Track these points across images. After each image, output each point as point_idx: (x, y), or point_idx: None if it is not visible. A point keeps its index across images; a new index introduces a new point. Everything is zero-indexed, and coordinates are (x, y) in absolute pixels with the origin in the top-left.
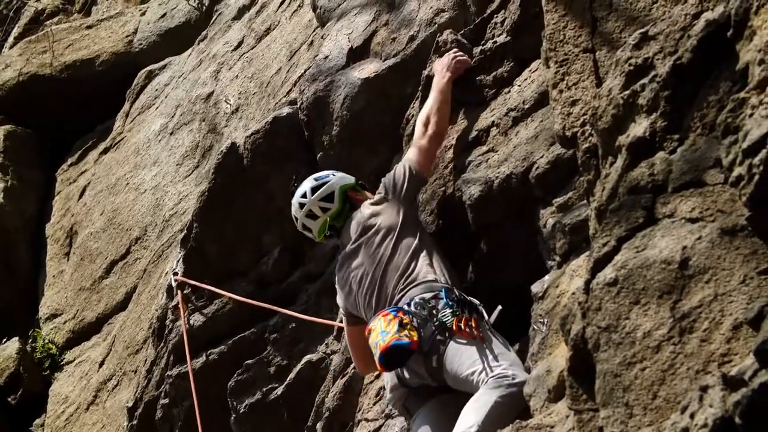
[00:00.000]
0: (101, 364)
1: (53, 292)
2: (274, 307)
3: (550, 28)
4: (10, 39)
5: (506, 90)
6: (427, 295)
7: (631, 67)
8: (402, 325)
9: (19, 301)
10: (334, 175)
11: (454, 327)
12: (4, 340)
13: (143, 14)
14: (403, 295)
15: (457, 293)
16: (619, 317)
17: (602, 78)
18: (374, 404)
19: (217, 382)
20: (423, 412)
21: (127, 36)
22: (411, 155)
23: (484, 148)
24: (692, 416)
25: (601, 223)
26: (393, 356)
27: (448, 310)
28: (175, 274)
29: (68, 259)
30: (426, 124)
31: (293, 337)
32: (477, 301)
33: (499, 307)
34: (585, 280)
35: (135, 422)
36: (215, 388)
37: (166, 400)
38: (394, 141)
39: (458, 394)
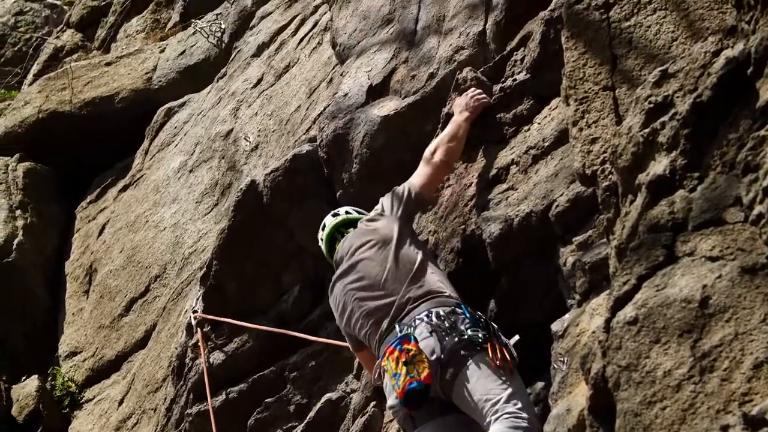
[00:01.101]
0: (121, 402)
1: (73, 329)
2: (299, 334)
3: (570, 66)
4: (30, 76)
5: (526, 128)
6: (444, 310)
7: (651, 105)
8: (409, 363)
9: (39, 338)
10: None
11: (489, 351)
12: (24, 377)
13: (162, 51)
14: (415, 307)
15: (475, 311)
16: (640, 356)
17: (622, 116)
18: None
19: (236, 421)
20: (429, 429)
21: (146, 73)
22: (413, 178)
23: (504, 186)
24: None
25: (621, 262)
26: (412, 399)
27: (480, 332)
28: (195, 312)
29: (87, 297)
30: (433, 152)
31: (313, 376)
32: (496, 326)
33: (517, 336)
34: (605, 319)
35: None
36: (235, 427)
37: None
38: None
39: (463, 416)
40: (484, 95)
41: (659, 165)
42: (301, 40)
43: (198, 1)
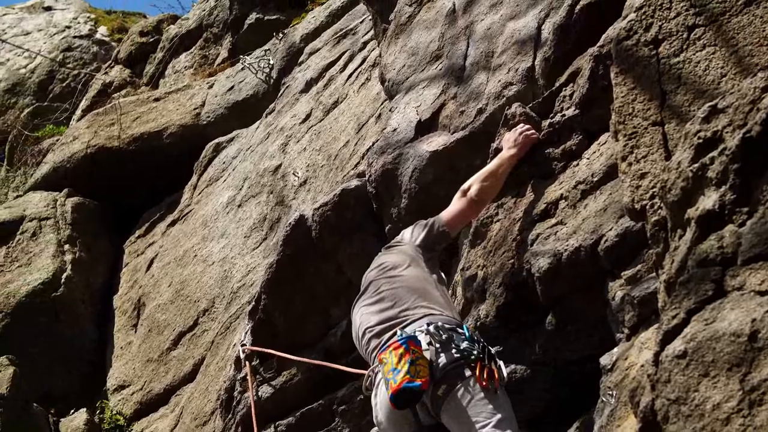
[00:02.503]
0: None
1: (121, 363)
2: (347, 369)
3: (619, 101)
4: (78, 111)
5: (575, 163)
6: (446, 326)
7: (700, 140)
8: (413, 363)
9: (87, 372)
10: None
11: (477, 376)
12: (72, 411)
13: (211, 87)
14: (417, 319)
15: (476, 333)
16: (689, 389)
17: (671, 151)
18: None
19: None
20: None
21: (194, 108)
22: (442, 213)
23: (553, 221)
24: None
25: (670, 296)
26: (403, 398)
27: (474, 351)
28: (243, 345)
29: (136, 331)
30: (467, 189)
31: (361, 410)
32: (493, 350)
33: (511, 366)
34: (654, 353)
35: None
36: None
37: None
38: None
39: None
40: (533, 131)
41: (708, 200)
42: (350, 75)
43: (246, 37)
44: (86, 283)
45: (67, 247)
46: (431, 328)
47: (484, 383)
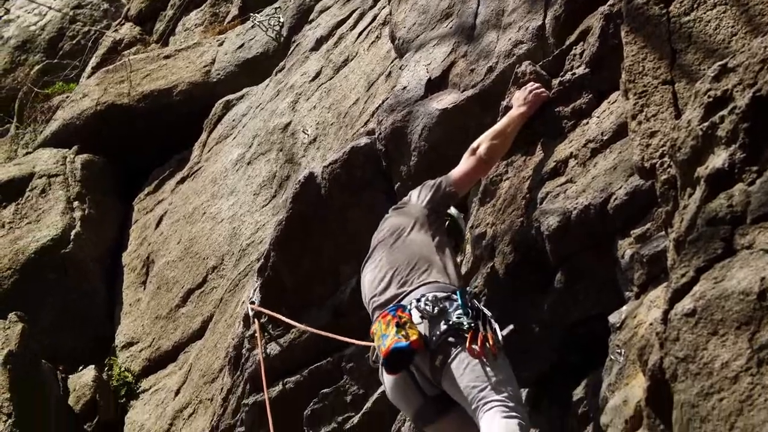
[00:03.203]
0: (177, 393)
1: (129, 320)
2: (351, 340)
3: (629, 60)
4: (88, 69)
5: (585, 121)
6: (441, 294)
7: (710, 99)
8: (400, 326)
9: (96, 329)
10: None
11: (467, 344)
12: (81, 368)
13: (221, 44)
14: (412, 290)
15: (470, 299)
16: (697, 348)
17: (681, 110)
18: None
19: (293, 411)
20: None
21: (204, 66)
22: (451, 172)
23: (562, 179)
24: None
25: (679, 254)
26: (395, 359)
27: (465, 319)
28: (252, 303)
29: (145, 288)
30: (476, 148)
31: (370, 367)
32: (489, 312)
33: (512, 326)
34: (663, 311)
35: None
36: (291, 417)
37: (243, 429)
38: None
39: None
40: (542, 89)
41: (718, 158)
42: (360, 33)
43: None
44: (95, 240)
45: (76, 204)
46: (422, 303)
47: (476, 352)
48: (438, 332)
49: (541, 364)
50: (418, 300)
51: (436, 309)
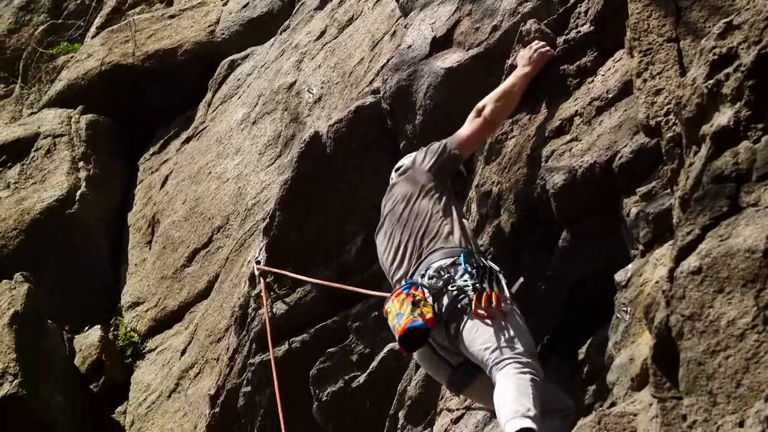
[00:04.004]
0: (183, 352)
1: (135, 280)
2: (360, 290)
3: (634, 18)
4: (93, 29)
5: (589, 80)
6: (446, 262)
7: (716, 57)
8: (415, 304)
9: (101, 289)
10: None
11: (473, 308)
12: (87, 328)
13: (225, 4)
14: (421, 262)
15: (476, 258)
16: (703, 306)
17: (686, 67)
18: None
19: (299, 370)
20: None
21: (209, 26)
22: (455, 135)
23: (568, 138)
24: None
25: (685, 212)
26: (411, 338)
27: (470, 281)
28: (258, 262)
29: (150, 248)
30: (481, 109)
31: (376, 326)
32: (497, 267)
33: (521, 279)
34: (669, 269)
35: (217, 410)
36: (297, 376)
37: (249, 388)
38: None
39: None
40: (547, 47)
41: (723, 116)
42: None
43: None
44: (100, 201)
45: (81, 164)
46: (426, 278)
47: (483, 315)
48: (446, 301)
49: (547, 323)
50: (423, 275)
51: (440, 281)
